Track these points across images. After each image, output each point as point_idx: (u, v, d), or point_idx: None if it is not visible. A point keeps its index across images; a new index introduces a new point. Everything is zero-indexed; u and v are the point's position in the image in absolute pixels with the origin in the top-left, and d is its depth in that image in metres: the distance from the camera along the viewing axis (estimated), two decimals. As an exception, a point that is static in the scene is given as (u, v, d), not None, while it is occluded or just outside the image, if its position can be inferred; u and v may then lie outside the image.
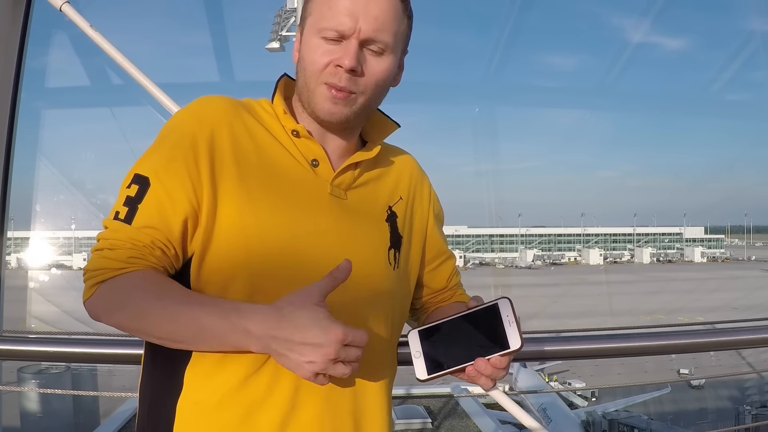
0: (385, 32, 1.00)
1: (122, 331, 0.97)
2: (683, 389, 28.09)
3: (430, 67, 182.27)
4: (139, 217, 0.94)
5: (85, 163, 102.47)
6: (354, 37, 0.98)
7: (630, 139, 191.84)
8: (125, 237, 0.93)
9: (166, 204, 0.94)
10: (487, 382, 0.92)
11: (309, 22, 1.02)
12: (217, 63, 65.89)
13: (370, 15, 0.98)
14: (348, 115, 1.02)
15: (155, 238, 0.93)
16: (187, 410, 0.95)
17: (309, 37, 1.02)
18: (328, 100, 1.00)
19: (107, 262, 0.93)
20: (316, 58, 1.00)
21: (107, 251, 0.93)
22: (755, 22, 71.43)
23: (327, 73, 0.99)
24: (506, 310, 0.90)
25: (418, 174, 1.22)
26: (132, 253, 0.92)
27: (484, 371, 0.90)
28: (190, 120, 1.00)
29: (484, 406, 7.49)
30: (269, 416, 0.95)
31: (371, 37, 0.99)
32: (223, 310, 0.88)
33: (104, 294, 0.93)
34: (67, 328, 21.11)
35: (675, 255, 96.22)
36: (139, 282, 0.92)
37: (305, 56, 1.02)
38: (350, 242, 1.03)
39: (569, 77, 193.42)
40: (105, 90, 6.05)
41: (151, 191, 0.95)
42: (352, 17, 0.97)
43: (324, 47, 0.99)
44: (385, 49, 1.01)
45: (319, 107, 1.01)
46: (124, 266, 0.92)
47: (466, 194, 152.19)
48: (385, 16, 0.99)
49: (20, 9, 2.20)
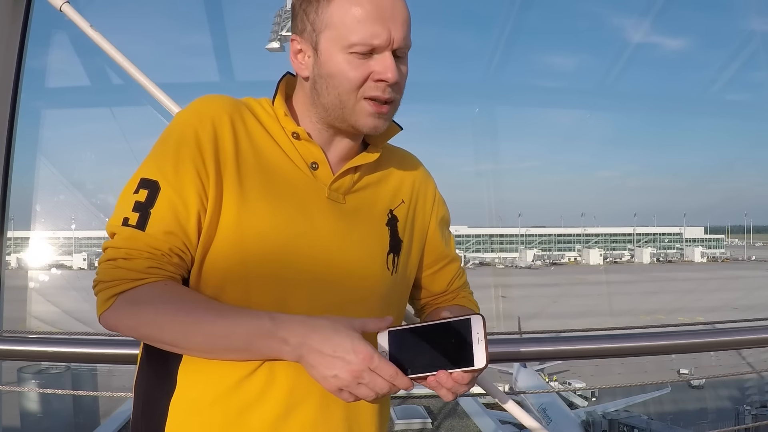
0: (409, 35, 0.99)
1: (144, 341, 0.96)
2: (683, 389, 28.10)
3: (430, 67, 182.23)
4: (153, 223, 0.92)
5: (85, 163, 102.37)
6: (389, 48, 0.96)
7: (630, 139, 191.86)
8: (142, 245, 0.91)
9: (179, 207, 0.93)
10: (447, 394, 0.90)
11: (327, 36, 0.97)
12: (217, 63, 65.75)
13: (398, 21, 0.96)
14: (387, 123, 1.03)
15: (173, 245, 0.92)
16: (180, 409, 0.95)
17: (333, 53, 0.97)
18: (371, 116, 0.99)
19: (124, 273, 0.91)
20: (353, 75, 0.96)
21: (122, 261, 0.91)
22: (755, 22, 71.42)
23: (367, 88, 0.97)
24: (477, 327, 0.88)
25: (423, 176, 1.20)
26: (150, 263, 0.91)
27: (445, 384, 0.89)
28: (193, 119, 0.98)
29: (484, 406, 7.50)
30: (262, 417, 0.94)
31: (402, 45, 0.98)
32: (259, 320, 0.88)
33: (124, 307, 0.91)
34: (67, 328, 21.10)
35: (675, 255, 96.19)
36: (164, 294, 0.90)
37: (335, 73, 0.97)
38: (347, 246, 1.02)
39: (569, 77, 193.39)
40: (105, 90, 6.03)
41: (162, 195, 0.93)
42: (385, 27, 0.95)
43: (356, 62, 0.96)
44: (407, 52, 1.01)
45: (363, 123, 1.00)
46: (143, 277, 0.90)
47: (466, 194, 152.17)
48: (407, 19, 0.98)
49: (20, 9, 2.20)
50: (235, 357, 0.91)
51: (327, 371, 0.84)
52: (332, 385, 0.85)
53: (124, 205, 0.93)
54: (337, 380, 0.84)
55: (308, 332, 0.85)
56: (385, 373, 0.84)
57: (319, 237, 1.00)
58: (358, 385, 0.84)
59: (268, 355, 0.88)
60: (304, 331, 0.86)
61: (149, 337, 0.93)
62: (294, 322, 0.87)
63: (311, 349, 0.85)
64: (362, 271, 1.03)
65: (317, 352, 0.84)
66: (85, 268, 61.81)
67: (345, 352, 0.83)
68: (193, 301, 0.91)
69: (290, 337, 0.86)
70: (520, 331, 17.17)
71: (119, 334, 1.00)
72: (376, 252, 1.07)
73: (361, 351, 0.83)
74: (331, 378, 0.84)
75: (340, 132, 1.05)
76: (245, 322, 0.88)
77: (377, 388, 0.84)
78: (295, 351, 0.86)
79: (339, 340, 0.84)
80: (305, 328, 0.86)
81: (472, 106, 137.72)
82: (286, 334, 0.86)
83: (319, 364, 0.84)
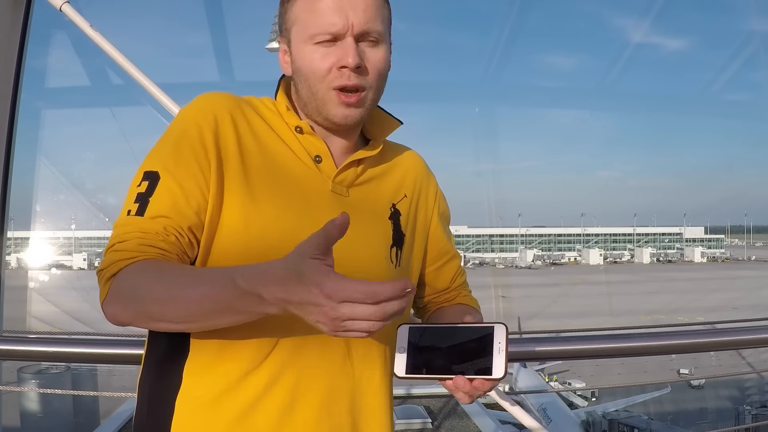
0: (377, 21, 0.99)
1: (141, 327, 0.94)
2: (683, 389, 28.09)
3: (430, 67, 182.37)
4: (151, 209, 0.92)
5: (85, 163, 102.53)
6: (348, 34, 0.97)
7: (630, 139, 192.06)
8: (135, 228, 0.91)
9: (178, 194, 0.93)
10: (464, 398, 0.90)
11: (295, 32, 1.01)
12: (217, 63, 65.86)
13: (359, 8, 0.97)
14: (362, 115, 1.02)
15: (167, 225, 0.92)
16: (186, 405, 0.95)
17: (300, 47, 1.00)
18: (341, 106, 0.99)
19: (118, 255, 0.90)
20: (316, 65, 0.98)
21: (118, 245, 0.91)
22: (755, 23, 71.45)
23: (332, 77, 0.98)
24: (500, 337, 0.87)
25: (425, 172, 1.21)
26: (141, 241, 0.90)
27: (463, 388, 0.88)
28: (195, 114, 0.99)
29: (484, 406, 7.49)
30: (267, 413, 0.94)
31: (365, 29, 0.98)
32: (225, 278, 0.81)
33: (114, 289, 0.89)
34: (67, 328, 21.09)
35: (675, 255, 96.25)
36: (144, 267, 0.88)
37: (303, 66, 1.00)
38: (350, 239, 1.02)
39: (569, 77, 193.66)
40: (105, 90, 6.02)
41: (161, 183, 0.93)
42: (341, 15, 0.96)
43: (320, 52, 0.98)
44: (379, 38, 1.00)
45: (333, 113, 1.00)
46: (134, 255, 0.89)
47: (466, 194, 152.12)
48: (371, 5, 0.98)
49: (20, 9, 2.20)
50: (227, 320, 0.85)
51: (309, 317, 0.76)
52: (324, 331, 0.77)
53: (128, 199, 0.95)
54: (321, 326, 0.77)
55: (273, 285, 0.77)
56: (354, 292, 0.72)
57: None
58: (344, 322, 0.75)
59: (256, 310, 0.81)
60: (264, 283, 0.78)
61: (138, 315, 0.89)
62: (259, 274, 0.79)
63: (286, 302, 0.77)
64: (365, 264, 1.03)
65: (292, 305, 0.76)
66: (85, 268, 61.85)
67: (304, 295, 0.74)
68: (171, 271, 0.88)
69: (262, 292, 0.78)
70: (520, 331, 17.17)
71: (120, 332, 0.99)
72: (380, 245, 1.07)
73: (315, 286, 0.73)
74: (318, 324, 0.77)
75: (334, 130, 1.06)
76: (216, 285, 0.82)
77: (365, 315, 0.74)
78: (275, 306, 0.78)
79: (294, 284, 0.75)
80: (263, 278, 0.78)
81: (472, 107, 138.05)
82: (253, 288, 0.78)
83: (301, 312, 0.77)
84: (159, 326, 0.90)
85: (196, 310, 0.84)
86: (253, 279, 0.79)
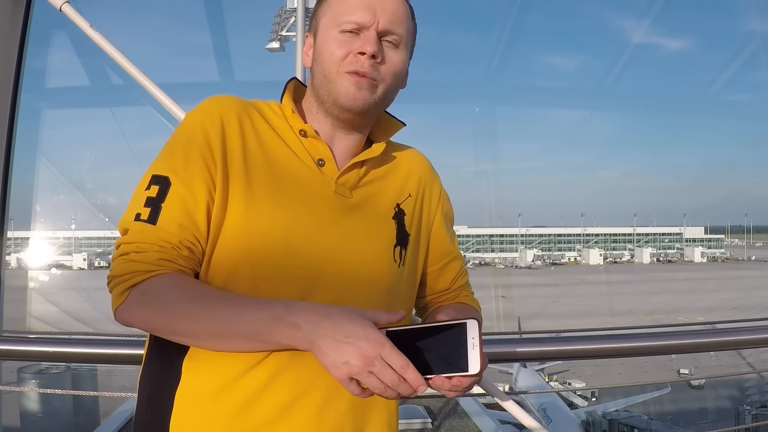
0: (401, 26, 1.05)
1: (158, 335, 0.96)
2: (683, 389, 28.11)
3: (430, 67, 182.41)
4: (164, 217, 0.94)
5: (85, 163, 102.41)
6: (373, 27, 1.02)
7: (630, 139, 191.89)
8: (152, 239, 0.93)
9: (190, 200, 0.95)
10: (448, 394, 0.91)
11: (324, 22, 1.06)
12: (217, 63, 65.93)
13: (387, 9, 1.03)
14: (370, 102, 1.03)
15: (183, 237, 0.94)
16: (185, 400, 0.96)
17: (325, 33, 1.05)
18: (352, 86, 1.01)
19: (136, 266, 0.92)
20: (335, 50, 1.02)
21: (134, 254, 0.93)
22: (755, 23, 71.58)
23: (348, 62, 1.01)
24: (473, 332, 0.88)
25: (429, 172, 1.22)
26: (161, 255, 0.92)
27: (442, 387, 0.89)
28: (202, 118, 1.01)
29: (484, 406, 7.50)
30: (266, 409, 0.95)
31: (389, 28, 1.03)
32: (271, 306, 0.88)
33: (138, 298, 0.91)
34: (67, 328, 21.09)
35: (675, 255, 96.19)
36: (175, 285, 0.91)
37: (323, 51, 1.04)
38: (353, 240, 1.04)
39: (570, 78, 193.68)
40: (105, 90, 6.05)
41: (173, 189, 0.95)
42: (370, 10, 1.02)
43: (342, 39, 1.02)
44: (400, 42, 1.05)
45: (343, 93, 1.02)
46: (154, 269, 0.91)
47: (466, 194, 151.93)
48: (399, 11, 1.05)
49: (20, 9, 2.20)
50: (247, 346, 0.91)
51: (338, 357, 0.82)
52: (342, 373, 0.83)
53: (137, 202, 0.96)
54: (347, 367, 0.82)
55: (320, 318, 0.85)
56: (396, 362, 0.82)
57: (325, 233, 1.01)
58: (369, 374, 0.82)
59: (279, 342, 0.87)
60: (316, 318, 0.85)
61: (163, 329, 0.93)
62: (306, 308, 0.87)
63: (323, 335, 0.84)
64: (369, 264, 1.04)
65: (330, 338, 0.83)
66: (84, 268, 61.85)
67: (357, 338, 0.82)
68: (204, 291, 0.92)
69: (302, 323, 0.85)
70: (520, 331, 17.19)
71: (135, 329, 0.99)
72: (383, 245, 1.08)
73: (373, 337, 0.82)
74: (342, 365, 0.83)
75: (342, 126, 1.07)
76: (257, 308, 0.88)
77: (387, 379, 0.82)
78: (307, 337, 0.85)
79: (352, 327, 0.83)
80: (317, 315, 0.86)
81: (473, 107, 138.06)
82: (298, 319, 0.86)
83: (330, 350, 0.83)
84: (175, 339, 0.93)
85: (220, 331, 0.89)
86: (297, 307, 0.87)
